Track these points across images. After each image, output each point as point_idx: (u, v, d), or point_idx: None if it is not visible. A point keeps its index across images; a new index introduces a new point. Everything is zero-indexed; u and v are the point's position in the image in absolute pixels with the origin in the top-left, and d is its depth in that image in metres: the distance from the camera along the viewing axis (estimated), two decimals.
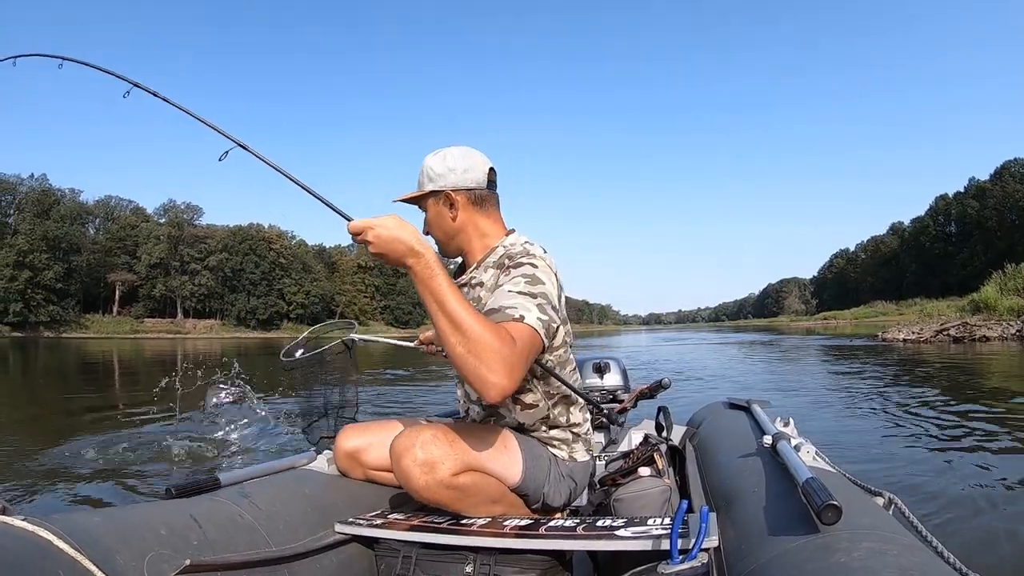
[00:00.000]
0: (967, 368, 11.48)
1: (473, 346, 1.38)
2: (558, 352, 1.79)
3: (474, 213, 1.85)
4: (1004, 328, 19.65)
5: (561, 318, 1.72)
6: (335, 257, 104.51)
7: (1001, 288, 25.49)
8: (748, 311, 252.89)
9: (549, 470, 1.83)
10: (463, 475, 1.65)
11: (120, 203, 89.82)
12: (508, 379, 1.39)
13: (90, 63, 1.97)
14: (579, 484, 1.91)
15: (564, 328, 1.80)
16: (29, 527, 1.11)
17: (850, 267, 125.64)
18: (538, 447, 1.85)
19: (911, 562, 1.01)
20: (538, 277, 1.63)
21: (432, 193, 1.84)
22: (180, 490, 1.61)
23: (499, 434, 1.79)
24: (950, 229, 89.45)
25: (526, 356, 1.47)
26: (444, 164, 1.82)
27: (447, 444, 1.63)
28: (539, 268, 1.66)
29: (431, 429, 1.65)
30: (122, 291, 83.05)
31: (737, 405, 2.57)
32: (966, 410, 6.34)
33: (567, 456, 1.88)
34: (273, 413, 5.74)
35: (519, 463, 1.78)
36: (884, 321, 40.15)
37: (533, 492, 1.81)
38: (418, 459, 1.60)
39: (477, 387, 1.39)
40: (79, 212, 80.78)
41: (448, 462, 1.61)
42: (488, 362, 1.37)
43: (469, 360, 1.38)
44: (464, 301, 1.44)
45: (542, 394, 1.82)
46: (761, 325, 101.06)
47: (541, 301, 1.58)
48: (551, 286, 1.65)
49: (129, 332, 75.60)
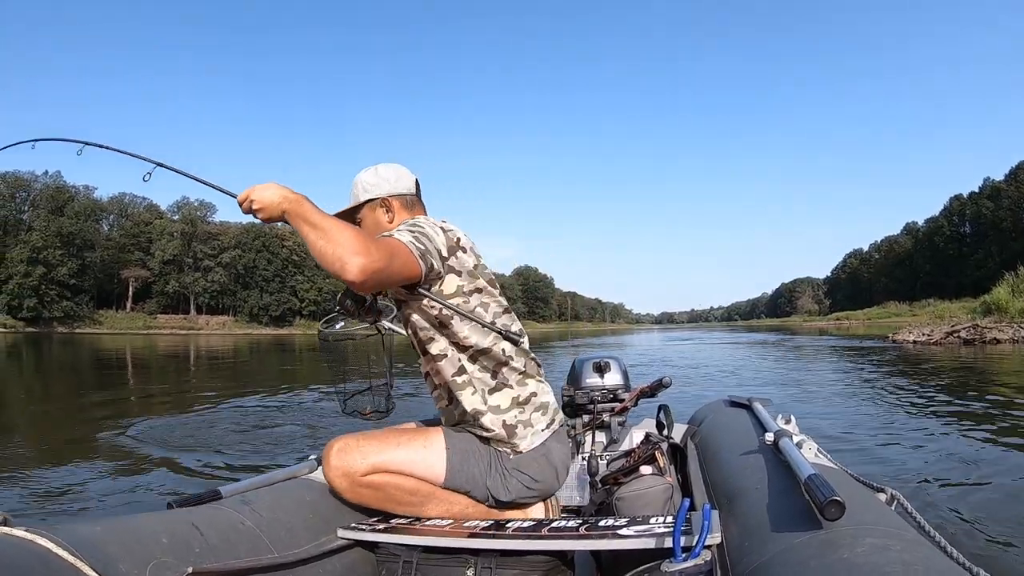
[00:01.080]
0: (975, 370, 11.39)
1: (331, 236, 1.54)
2: (454, 301, 1.84)
3: (406, 214, 2.02)
4: (1015, 331, 19.41)
5: (461, 270, 1.87)
6: None
7: (1013, 290, 25.27)
8: (761, 311, 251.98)
9: (489, 465, 1.89)
10: (374, 475, 1.83)
11: (134, 200, 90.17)
12: (363, 256, 1.52)
13: (112, 147, 2.05)
14: (535, 475, 1.90)
15: (464, 281, 1.87)
16: (30, 537, 1.12)
17: (864, 267, 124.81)
18: (472, 442, 1.91)
19: (914, 557, 1.01)
20: (419, 223, 1.81)
21: (368, 202, 2.02)
22: (182, 502, 1.63)
23: (424, 435, 1.91)
24: (964, 230, 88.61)
25: (386, 253, 1.60)
26: (377, 176, 2.03)
27: (356, 449, 1.82)
28: (422, 220, 1.85)
29: (346, 438, 1.85)
30: (135, 287, 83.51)
31: (738, 403, 2.57)
32: (969, 410, 6.35)
33: (510, 451, 1.89)
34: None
35: (442, 460, 1.86)
36: (897, 322, 39.86)
37: (473, 488, 1.88)
38: (332, 465, 1.82)
39: (336, 269, 1.52)
40: (93, 209, 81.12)
41: (357, 464, 1.80)
42: (343, 244, 1.52)
43: (327, 247, 1.53)
44: (332, 216, 1.62)
45: (448, 343, 1.89)
46: (774, 325, 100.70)
47: (418, 235, 1.74)
48: (432, 232, 1.80)
49: (142, 328, 75.99)
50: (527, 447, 1.89)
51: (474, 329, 1.87)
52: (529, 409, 1.92)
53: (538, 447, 1.91)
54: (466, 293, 1.86)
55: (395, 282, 1.72)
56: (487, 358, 1.90)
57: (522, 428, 1.89)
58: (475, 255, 1.93)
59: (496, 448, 1.90)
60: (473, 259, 1.91)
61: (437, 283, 1.83)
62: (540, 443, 1.91)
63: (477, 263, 1.92)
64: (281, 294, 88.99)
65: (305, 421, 6.52)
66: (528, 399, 1.93)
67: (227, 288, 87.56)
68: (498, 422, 1.87)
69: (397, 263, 1.64)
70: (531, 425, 1.91)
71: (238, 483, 1.85)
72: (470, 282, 1.88)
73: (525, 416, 1.91)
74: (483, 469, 1.87)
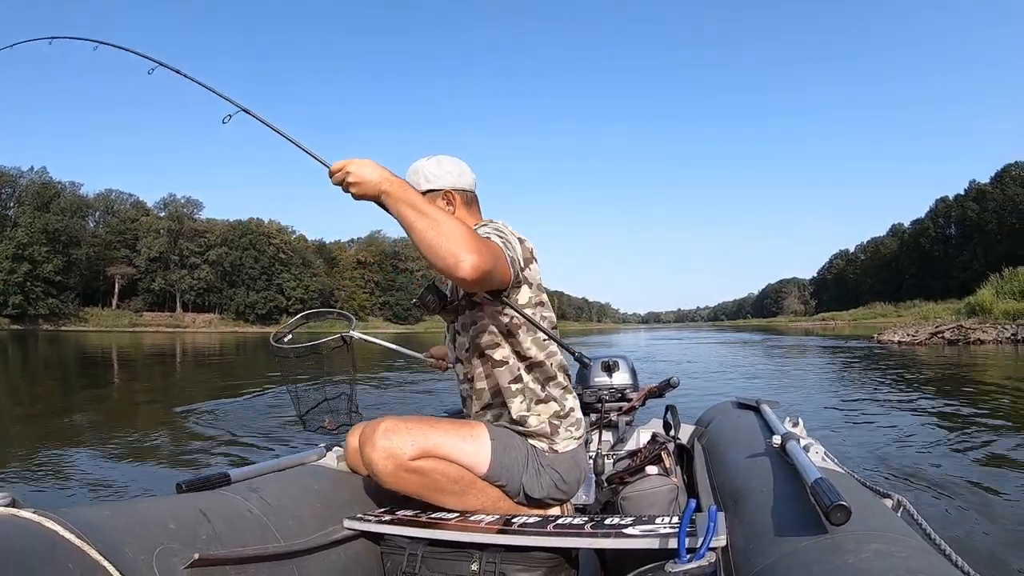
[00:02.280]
0: (959, 370, 11.61)
1: (443, 228, 1.47)
2: (526, 312, 1.81)
3: (465, 212, 1.97)
4: (999, 331, 19.77)
5: (532, 282, 1.86)
6: (335, 252, 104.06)
7: (997, 291, 25.56)
8: (747, 311, 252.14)
9: (527, 461, 1.88)
10: (422, 460, 1.76)
11: (120, 196, 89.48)
12: (477, 255, 1.46)
13: (124, 46, 2.08)
14: (565, 475, 1.91)
15: (533, 293, 1.87)
16: (38, 519, 1.11)
17: (850, 268, 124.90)
18: (513, 437, 1.90)
19: (919, 564, 1.01)
20: (502, 230, 1.78)
21: (429, 192, 1.94)
22: (190, 485, 1.63)
23: (468, 425, 1.89)
24: (950, 231, 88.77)
25: (493, 254, 1.57)
26: (440, 167, 1.98)
27: (406, 431, 1.75)
28: (501, 226, 1.81)
29: (393, 419, 1.78)
30: (121, 284, 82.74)
31: (746, 405, 2.58)
32: (952, 411, 6.49)
33: (547, 448, 1.90)
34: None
35: (487, 451, 1.84)
36: (882, 323, 40.11)
37: (509, 482, 1.86)
38: (378, 446, 1.72)
39: (449, 264, 1.46)
40: (79, 205, 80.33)
41: (406, 448, 1.73)
42: (457, 238, 1.46)
43: (439, 240, 1.46)
44: (439, 208, 1.61)
45: (511, 351, 1.89)
46: (760, 325, 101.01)
47: (505, 240, 1.72)
48: (514, 241, 1.77)
49: (128, 325, 75.41)
50: (563, 448, 1.92)
51: (536, 341, 1.89)
52: (567, 422, 1.94)
53: (571, 451, 1.94)
54: (534, 305, 1.87)
55: (494, 285, 1.67)
56: (540, 371, 1.92)
57: (562, 431, 1.92)
58: (537, 269, 1.92)
59: (534, 445, 1.91)
60: (539, 272, 1.92)
61: (515, 292, 1.82)
62: (572, 448, 1.94)
63: (540, 276, 1.93)
64: (268, 292, 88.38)
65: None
66: (568, 413, 1.96)
67: (213, 286, 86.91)
68: (543, 423, 1.90)
69: (500, 266, 1.63)
70: (569, 433, 1.94)
71: (246, 468, 1.86)
72: (537, 295, 1.88)
73: (566, 425, 1.94)
74: (521, 464, 1.88)
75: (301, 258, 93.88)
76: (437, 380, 9.97)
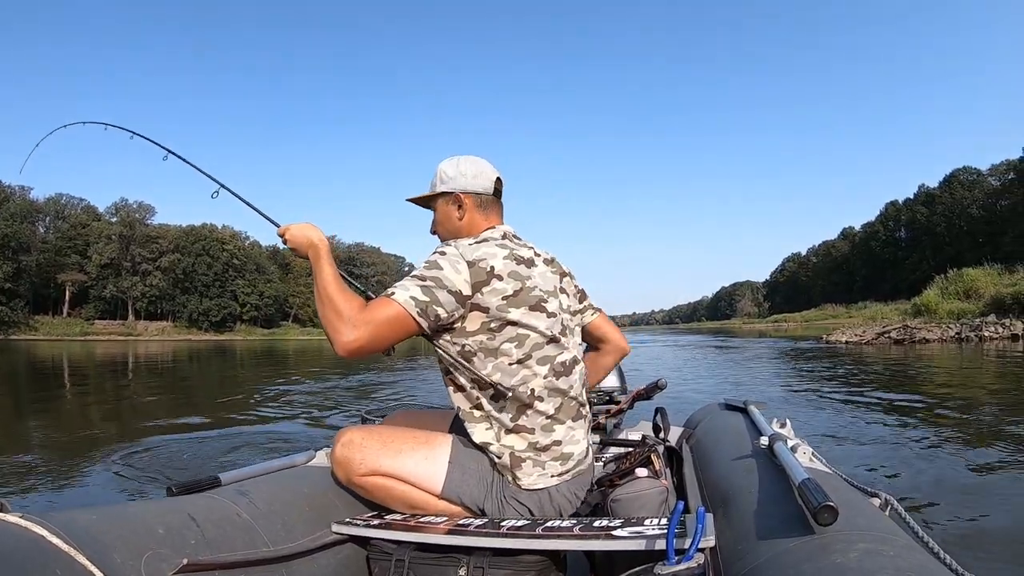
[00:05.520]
0: (905, 368, 12.12)
1: (328, 307, 1.67)
2: (477, 338, 1.74)
3: (477, 216, 1.95)
4: (943, 331, 20.62)
5: (487, 306, 1.72)
6: (289, 258, 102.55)
7: (943, 292, 26.40)
8: (702, 313, 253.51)
9: (491, 487, 1.81)
10: (370, 478, 1.81)
11: (71, 201, 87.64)
12: (350, 335, 1.62)
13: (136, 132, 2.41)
14: (534, 510, 1.79)
15: (490, 317, 1.73)
16: (24, 523, 1.10)
17: (802, 271, 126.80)
18: (479, 461, 1.83)
19: (907, 563, 1.03)
20: (437, 263, 1.72)
21: (443, 194, 1.96)
22: (181, 488, 1.63)
23: (431, 442, 1.85)
24: (900, 235, 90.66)
25: (378, 322, 1.65)
26: (456, 169, 1.96)
27: (360, 447, 1.82)
28: (446, 255, 1.73)
29: (357, 431, 1.86)
30: (72, 292, 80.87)
31: (734, 406, 2.59)
32: (898, 406, 6.77)
33: (510, 479, 1.79)
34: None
35: (442, 473, 1.80)
36: (834, 323, 40.99)
37: (470, 505, 1.82)
38: (336, 456, 1.85)
39: (329, 338, 1.65)
40: (29, 210, 78.38)
41: (355, 464, 1.82)
42: (335, 320, 1.64)
43: (326, 314, 1.67)
44: (338, 282, 1.74)
45: (467, 379, 1.79)
46: (714, 327, 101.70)
47: (428, 283, 1.68)
48: (451, 271, 1.70)
49: (79, 334, 73.71)
50: (529, 485, 1.78)
51: (499, 367, 1.74)
52: (546, 456, 1.79)
53: (540, 490, 1.79)
54: (493, 329, 1.73)
55: (389, 344, 1.71)
56: (510, 399, 1.76)
57: (530, 466, 1.78)
58: (520, 278, 1.77)
59: (500, 473, 1.81)
60: (514, 284, 1.75)
61: (459, 322, 1.73)
62: (543, 487, 1.79)
63: (522, 286, 1.76)
64: (221, 299, 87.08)
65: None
66: (547, 447, 1.79)
67: (166, 293, 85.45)
68: (505, 452, 1.77)
69: (386, 330, 1.66)
70: (543, 469, 1.79)
71: (236, 471, 1.85)
72: (501, 315, 1.72)
73: (540, 460, 1.79)
74: (483, 489, 1.81)
75: (255, 264, 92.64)
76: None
